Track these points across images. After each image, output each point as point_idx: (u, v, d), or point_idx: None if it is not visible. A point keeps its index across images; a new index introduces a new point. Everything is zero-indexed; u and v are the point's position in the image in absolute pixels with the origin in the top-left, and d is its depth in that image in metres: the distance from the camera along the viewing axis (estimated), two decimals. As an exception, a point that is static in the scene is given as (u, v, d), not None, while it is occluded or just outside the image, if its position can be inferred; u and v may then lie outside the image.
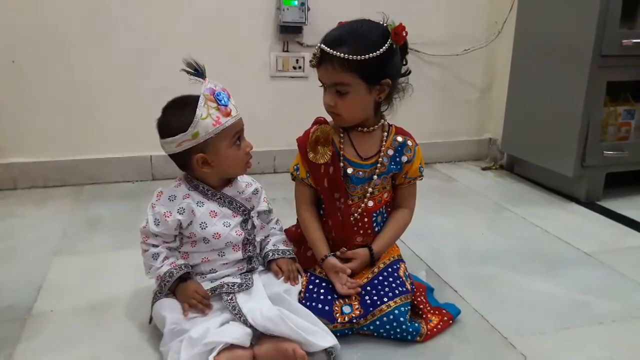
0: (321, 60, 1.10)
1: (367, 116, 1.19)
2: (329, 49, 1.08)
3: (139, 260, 1.15)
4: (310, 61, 1.14)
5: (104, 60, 2.04)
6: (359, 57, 1.07)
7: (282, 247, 1.23)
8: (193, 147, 1.08)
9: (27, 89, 1.99)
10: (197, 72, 1.10)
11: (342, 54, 1.07)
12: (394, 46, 1.11)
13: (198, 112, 1.05)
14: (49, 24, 1.95)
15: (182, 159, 1.12)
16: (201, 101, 1.05)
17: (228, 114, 1.08)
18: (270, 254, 1.20)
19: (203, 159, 1.10)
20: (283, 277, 1.16)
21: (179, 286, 1.10)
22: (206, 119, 1.05)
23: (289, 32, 2.18)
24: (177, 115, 1.08)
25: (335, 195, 1.20)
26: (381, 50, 1.08)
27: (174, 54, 2.05)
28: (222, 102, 1.07)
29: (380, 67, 1.10)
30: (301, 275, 1.20)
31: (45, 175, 2.06)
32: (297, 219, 1.28)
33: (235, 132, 1.11)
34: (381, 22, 1.13)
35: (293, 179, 1.25)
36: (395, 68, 1.15)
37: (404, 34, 1.11)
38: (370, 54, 1.07)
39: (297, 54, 2.24)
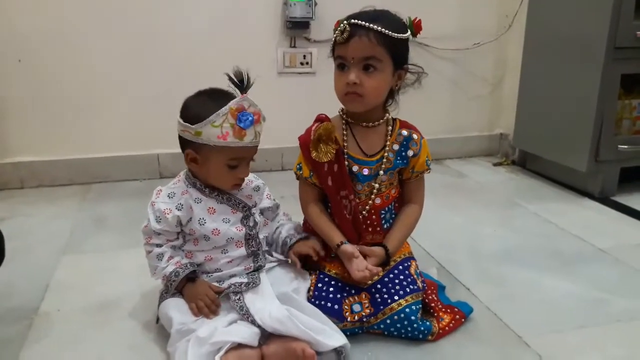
0: (353, 34, 1.07)
1: (379, 104, 1.16)
2: (365, 23, 1.06)
3: (146, 259, 1.14)
4: (338, 36, 1.09)
5: (110, 59, 2.03)
6: (394, 34, 1.07)
7: (295, 233, 1.22)
8: (190, 140, 1.07)
9: (34, 88, 1.98)
10: (241, 84, 1.05)
11: (379, 28, 1.06)
12: (411, 37, 1.13)
13: (213, 117, 1.02)
14: (55, 23, 1.94)
15: (181, 144, 1.11)
16: (224, 109, 1.02)
17: (240, 137, 1.04)
18: (289, 241, 1.19)
19: (193, 156, 1.08)
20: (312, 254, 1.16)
21: (187, 286, 1.08)
22: (215, 128, 1.03)
23: (297, 27, 2.15)
24: (200, 104, 1.06)
25: (342, 193, 1.17)
26: (408, 34, 1.11)
27: (181, 51, 2.08)
28: (242, 123, 1.03)
29: (405, 51, 1.13)
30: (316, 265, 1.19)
31: (53, 174, 2.06)
32: (305, 218, 1.26)
33: (237, 157, 1.07)
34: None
35: (297, 179, 1.23)
36: (408, 60, 1.15)
37: (421, 28, 1.13)
38: (402, 35, 1.09)
39: (305, 49, 2.21)
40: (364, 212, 1.19)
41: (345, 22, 1.08)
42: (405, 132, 1.19)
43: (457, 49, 2.36)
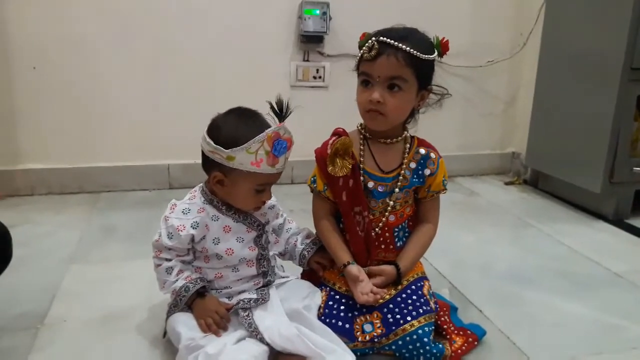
0: (381, 52, 1.06)
1: (400, 122, 1.15)
2: (394, 42, 1.05)
3: (154, 271, 1.12)
4: (365, 52, 1.08)
5: (123, 68, 2.03)
6: (423, 55, 1.06)
7: (311, 242, 1.22)
8: (219, 163, 1.04)
9: (47, 96, 1.99)
10: (280, 113, 1.04)
11: (408, 48, 1.04)
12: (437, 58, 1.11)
13: (250, 143, 1.00)
14: (70, 31, 1.95)
15: (206, 163, 1.08)
16: (262, 136, 1.00)
17: (272, 164, 1.03)
18: (307, 254, 1.19)
19: (220, 179, 1.06)
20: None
21: (196, 301, 1.06)
22: (250, 155, 1.00)
23: (310, 41, 2.15)
24: (233, 127, 1.03)
25: (356, 209, 1.15)
26: (435, 55, 1.09)
27: (195, 63, 2.08)
28: (277, 152, 1.03)
29: (431, 72, 1.12)
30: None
31: (63, 182, 2.06)
32: (316, 233, 1.25)
33: (265, 183, 1.06)
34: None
35: (311, 192, 1.22)
36: (432, 80, 1.14)
37: (448, 48, 1.12)
38: (430, 56, 1.08)
39: (318, 63, 2.21)
40: (377, 229, 1.17)
41: (373, 38, 1.07)
42: (423, 151, 1.17)
43: (471, 66, 2.36)
